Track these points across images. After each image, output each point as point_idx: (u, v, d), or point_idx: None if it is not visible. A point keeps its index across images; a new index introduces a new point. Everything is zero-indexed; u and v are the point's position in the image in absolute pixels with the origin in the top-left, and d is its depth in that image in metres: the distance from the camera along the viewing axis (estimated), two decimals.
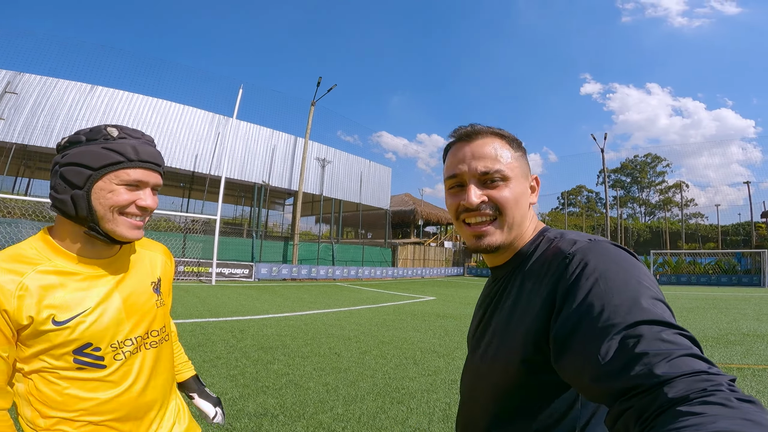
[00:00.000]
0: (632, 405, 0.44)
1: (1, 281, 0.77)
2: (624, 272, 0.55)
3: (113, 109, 17.42)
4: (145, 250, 1.04)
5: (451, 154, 0.76)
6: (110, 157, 0.83)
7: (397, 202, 36.24)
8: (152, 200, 0.90)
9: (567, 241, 0.65)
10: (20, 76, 15.73)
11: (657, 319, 0.49)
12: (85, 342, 0.84)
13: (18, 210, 14.57)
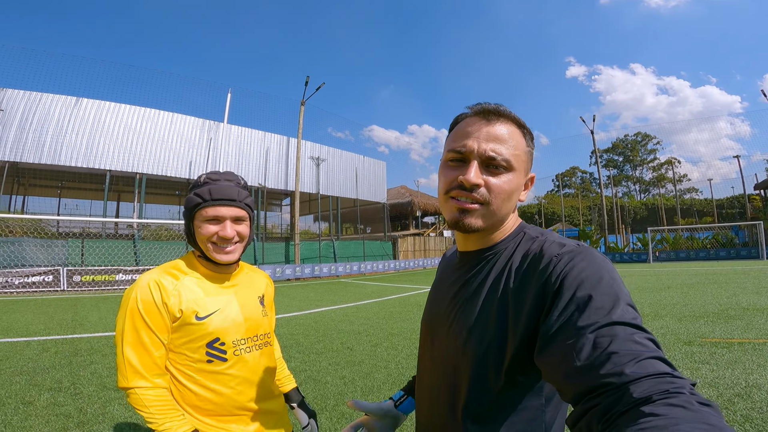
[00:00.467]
0: (598, 403, 0.46)
1: (164, 282, 1.05)
2: (605, 278, 0.58)
3: (101, 121, 17.21)
4: (253, 273, 1.30)
5: (464, 127, 0.72)
6: (194, 200, 1.08)
7: (394, 195, 36.27)
8: (231, 231, 1.08)
9: (555, 243, 0.67)
10: (3, 92, 15.48)
11: (631, 322, 0.52)
12: (215, 337, 1.08)
13: (19, 228, 14.54)
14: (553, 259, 0.62)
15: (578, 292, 0.56)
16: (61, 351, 4.98)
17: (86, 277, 13.66)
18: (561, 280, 0.59)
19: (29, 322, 7.12)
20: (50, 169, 16.84)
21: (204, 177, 1.11)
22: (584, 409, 0.47)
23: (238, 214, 1.10)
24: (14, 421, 2.79)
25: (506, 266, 0.70)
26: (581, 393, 0.49)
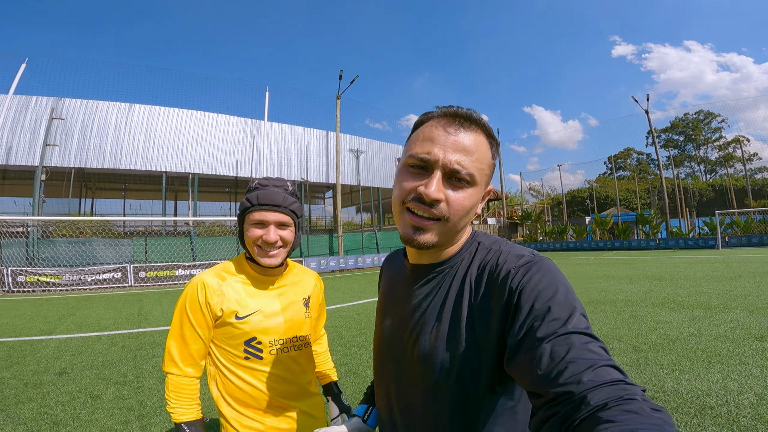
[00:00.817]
0: (558, 411, 0.48)
1: (211, 282, 1.14)
2: (560, 290, 0.60)
3: (154, 125, 18.25)
4: (302, 274, 1.34)
5: (430, 131, 0.67)
6: (245, 204, 1.14)
7: None
8: (274, 236, 1.13)
9: (512, 255, 0.67)
10: (62, 102, 16.65)
11: (585, 331, 0.54)
12: (252, 336, 1.14)
13: (89, 230, 15.95)
14: (511, 271, 0.63)
15: (536, 304, 0.58)
16: (128, 345, 5.36)
17: (150, 273, 14.73)
18: (519, 292, 0.60)
19: (100, 317, 7.75)
20: (113, 173, 18.16)
21: (256, 182, 1.17)
22: (546, 416, 0.50)
23: (282, 219, 1.14)
24: (82, 414, 3.05)
25: (465, 280, 0.69)
26: (544, 400, 0.51)
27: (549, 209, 40.13)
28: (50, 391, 3.54)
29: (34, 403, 3.24)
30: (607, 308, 6.64)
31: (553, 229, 32.72)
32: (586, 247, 28.15)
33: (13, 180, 17.05)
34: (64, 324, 6.97)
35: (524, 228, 36.21)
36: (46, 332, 6.27)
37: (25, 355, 4.84)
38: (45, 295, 12.04)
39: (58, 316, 7.93)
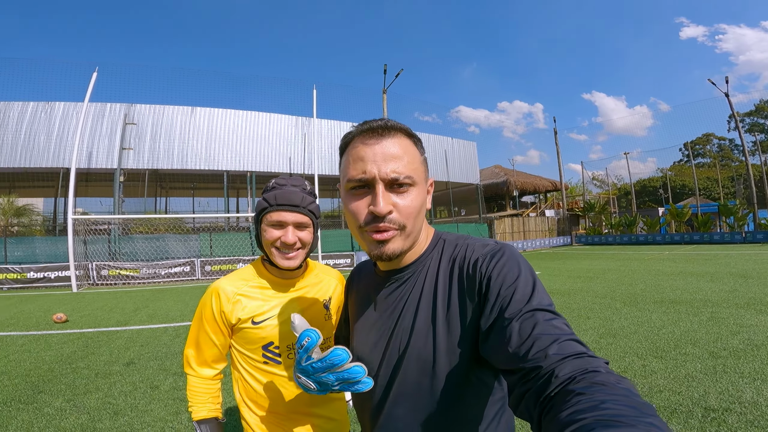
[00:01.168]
0: (531, 387, 0.51)
1: (226, 290, 1.13)
2: (523, 272, 0.64)
3: (213, 127, 19.28)
4: (323, 275, 1.30)
5: (357, 151, 0.70)
6: (262, 204, 1.12)
7: (488, 175, 34.71)
8: (293, 237, 1.10)
9: (477, 245, 0.72)
10: (133, 107, 18.05)
11: (547, 308, 0.58)
12: (270, 340, 1.13)
13: (162, 226, 17.39)
14: (479, 260, 0.68)
15: (502, 288, 0.62)
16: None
17: (215, 267, 15.72)
18: (488, 279, 0.65)
19: (169, 309, 8.37)
20: (181, 173, 19.56)
21: (273, 182, 1.14)
22: (521, 393, 0.52)
23: (300, 220, 1.11)
24: (140, 404, 3.26)
25: (437, 275, 0.73)
26: (517, 377, 0.53)
27: (615, 200, 37.14)
28: (116, 381, 3.83)
29: (100, 393, 3.52)
30: (682, 309, 6.01)
31: (621, 221, 30.19)
32: (659, 241, 25.67)
33: (95, 182, 18.94)
34: (138, 316, 7.59)
35: (587, 220, 33.78)
36: (122, 323, 6.86)
37: (100, 345, 5.31)
38: (125, 288, 13.29)
39: (133, 307, 8.66)
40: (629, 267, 12.56)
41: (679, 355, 3.93)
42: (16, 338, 5.81)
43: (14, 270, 13.16)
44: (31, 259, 14.43)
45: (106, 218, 15.81)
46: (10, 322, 7.08)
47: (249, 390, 1.16)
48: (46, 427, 2.89)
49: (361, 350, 0.82)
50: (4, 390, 3.66)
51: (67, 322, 6.93)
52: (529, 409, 0.50)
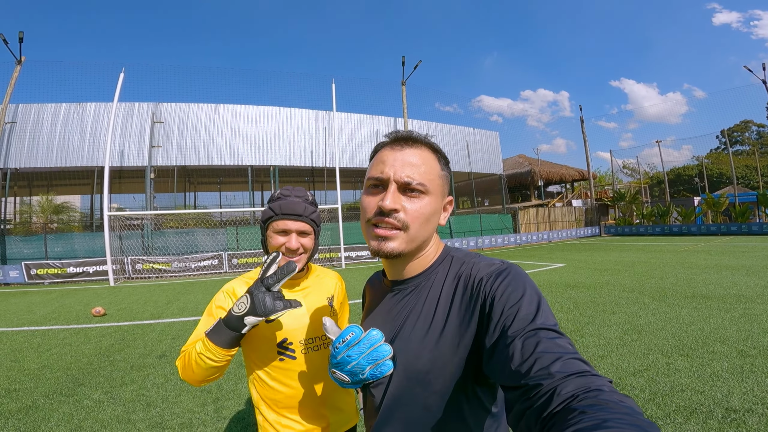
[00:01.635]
0: (533, 404, 0.50)
1: (237, 291, 1.20)
2: (527, 291, 0.65)
3: (237, 123, 19.69)
4: (323, 275, 1.40)
5: (381, 156, 0.76)
6: (268, 213, 1.22)
7: (511, 165, 34.04)
8: (296, 243, 1.19)
9: (483, 265, 0.72)
10: (160, 106, 18.63)
11: (552, 327, 0.59)
12: (284, 337, 1.20)
13: (191, 221, 18.00)
14: (483, 278, 0.69)
15: (506, 306, 0.63)
16: None
17: (241, 260, 16.18)
18: (492, 298, 0.65)
19: (199, 302, 8.71)
20: (208, 168, 20.10)
21: (278, 192, 1.24)
22: (521, 410, 0.52)
23: (303, 228, 1.21)
24: (170, 396, 3.45)
25: (441, 290, 0.74)
26: (519, 394, 0.53)
27: (647, 189, 35.68)
28: (150, 374, 4.04)
29: (135, 385, 3.73)
30: (713, 304, 5.78)
31: (653, 211, 29.01)
32: (693, 232, 24.58)
33: (128, 179, 19.73)
34: (170, 309, 7.94)
35: (616, 210, 32.61)
36: (155, 316, 7.19)
37: (135, 338, 5.59)
38: (158, 281, 13.88)
39: (166, 301, 9.05)
40: (660, 259, 12.13)
41: (707, 354, 3.81)
42: (58, 332, 6.17)
43: (55, 265, 13.96)
44: (70, 254, 15.27)
45: (139, 214, 16.50)
46: (52, 316, 7.50)
47: (266, 388, 1.22)
48: (84, 419, 3.07)
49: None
50: (47, 383, 3.88)
51: (105, 316, 7.32)
52: (530, 427, 0.50)
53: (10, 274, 13.58)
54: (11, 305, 9.00)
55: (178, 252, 15.97)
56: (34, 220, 18.24)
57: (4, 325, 6.73)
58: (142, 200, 19.02)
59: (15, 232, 16.52)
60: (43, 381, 3.93)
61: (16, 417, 3.11)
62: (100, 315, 7.29)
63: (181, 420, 3.00)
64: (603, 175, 44.11)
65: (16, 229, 17.17)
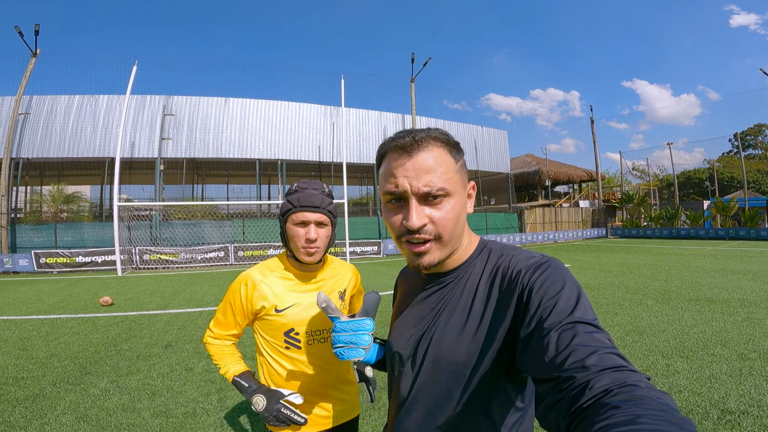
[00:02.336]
0: (563, 397, 0.49)
1: (255, 278, 1.29)
2: (567, 284, 0.63)
3: (246, 116, 19.80)
4: (339, 268, 1.45)
5: (389, 165, 0.72)
6: (287, 206, 1.25)
7: (519, 164, 33.82)
8: (315, 233, 1.23)
9: (522, 257, 0.71)
10: (171, 99, 18.80)
11: (590, 321, 0.57)
12: (291, 327, 1.27)
13: (199, 213, 18.16)
14: (522, 271, 0.67)
15: (544, 299, 0.61)
16: None
17: (247, 252, 16.31)
18: (530, 290, 0.64)
19: (204, 293, 8.80)
20: (216, 161, 20.26)
21: (295, 186, 1.29)
22: (551, 402, 0.51)
23: (320, 219, 1.25)
24: (175, 386, 3.53)
25: (478, 283, 0.73)
26: (550, 386, 0.52)
27: (656, 191, 35.26)
28: (155, 363, 4.12)
29: (141, 374, 3.81)
30: (717, 308, 5.78)
31: (661, 214, 28.72)
32: (702, 236, 24.31)
33: (138, 170, 19.92)
34: (177, 299, 8.04)
35: (624, 212, 32.31)
36: (162, 307, 7.31)
37: (142, 328, 5.70)
38: (164, 272, 14.05)
39: (172, 291, 9.17)
40: (666, 262, 12.05)
41: (707, 356, 3.83)
42: (66, 321, 6.26)
43: (64, 254, 14.18)
44: (79, 243, 15.49)
45: (148, 205, 16.67)
46: (61, 305, 7.63)
47: (273, 373, 1.29)
48: (91, 407, 3.13)
49: (395, 346, 0.84)
50: (55, 371, 3.94)
51: (112, 305, 7.45)
52: (558, 420, 0.49)
53: (20, 263, 13.80)
54: (20, 294, 9.15)
55: (185, 243, 16.14)
56: (44, 210, 18.51)
57: (14, 314, 6.85)
58: (151, 192, 19.21)
59: (26, 221, 16.78)
60: (50, 369, 3.99)
61: (23, 405, 3.17)
62: (108, 304, 7.41)
63: (185, 409, 3.07)
64: (612, 177, 43.70)
65: (26, 218, 17.44)
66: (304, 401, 1.28)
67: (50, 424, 2.84)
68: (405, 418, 0.81)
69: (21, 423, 2.87)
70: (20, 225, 15.74)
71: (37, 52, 16.28)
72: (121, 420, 2.91)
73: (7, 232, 14.88)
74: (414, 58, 21.33)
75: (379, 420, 2.84)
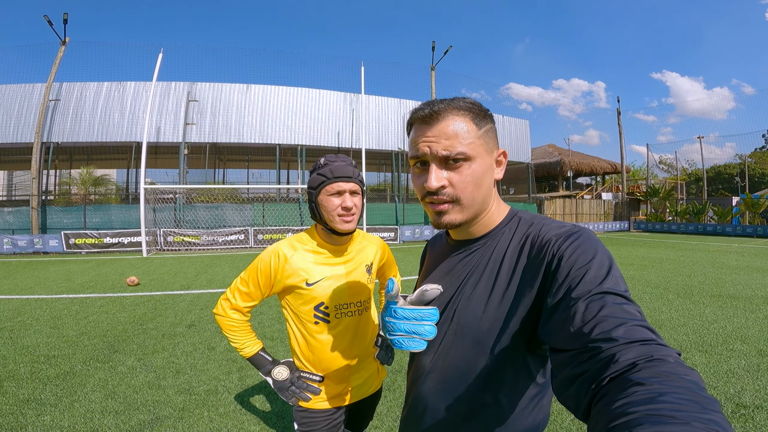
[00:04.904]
0: (587, 369, 0.48)
1: (285, 252, 1.29)
2: (598, 254, 0.61)
3: (267, 103, 20.00)
4: (366, 242, 1.47)
5: (414, 134, 0.76)
6: (319, 179, 1.26)
7: (540, 154, 33.15)
8: (351, 201, 1.25)
9: (554, 226, 0.70)
10: (195, 86, 19.18)
11: (621, 293, 0.55)
12: (320, 301, 1.29)
13: (220, 196, 18.57)
14: (552, 239, 0.66)
15: (574, 268, 0.59)
16: None
17: (266, 236, 16.63)
18: (559, 258, 0.62)
19: (225, 275, 9.05)
20: (238, 146, 20.58)
21: (324, 160, 1.29)
22: (573, 375, 0.50)
23: (354, 188, 1.27)
24: (198, 364, 3.69)
25: (506, 250, 0.73)
26: (572, 355, 0.51)
27: (684, 186, 34.04)
28: (180, 342, 4.30)
29: (166, 353, 3.98)
30: (739, 304, 5.67)
31: (688, 209, 27.75)
32: (729, 233, 23.43)
33: (163, 155, 20.46)
34: (199, 280, 8.31)
35: (648, 206, 31.34)
36: (185, 287, 7.56)
37: (167, 307, 5.92)
38: (187, 254, 14.46)
39: (195, 272, 9.45)
40: (690, 258, 11.73)
41: (725, 351, 3.80)
42: (95, 300, 6.50)
43: (92, 235, 14.73)
44: (107, 225, 16.08)
45: (173, 188, 17.11)
46: (90, 285, 7.93)
47: (303, 347, 1.33)
48: (118, 385, 3.23)
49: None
50: (85, 349, 4.06)
51: (138, 285, 7.75)
52: (579, 394, 0.48)
53: (50, 243, 14.34)
54: (51, 273, 9.53)
55: (207, 226, 16.58)
56: (73, 192, 19.21)
57: (45, 293, 7.13)
58: (174, 176, 19.71)
59: (55, 203, 17.47)
60: (80, 348, 4.12)
61: (54, 383, 3.26)
62: (134, 284, 7.70)
63: (208, 387, 3.22)
64: (637, 170, 42.41)
65: (56, 200, 18.14)
66: (329, 376, 1.33)
67: (80, 402, 2.94)
68: (423, 386, 0.81)
69: (52, 401, 2.95)
70: (50, 207, 16.38)
71: (66, 41, 16.71)
72: (146, 397, 3.02)
73: (37, 214, 15.51)
74: (435, 46, 21.11)
75: (394, 401, 2.91)
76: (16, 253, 14.18)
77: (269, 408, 2.91)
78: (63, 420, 2.67)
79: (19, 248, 14.20)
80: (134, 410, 2.82)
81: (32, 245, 14.32)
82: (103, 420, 2.68)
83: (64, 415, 2.74)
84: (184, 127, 18.54)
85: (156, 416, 2.74)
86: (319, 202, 1.27)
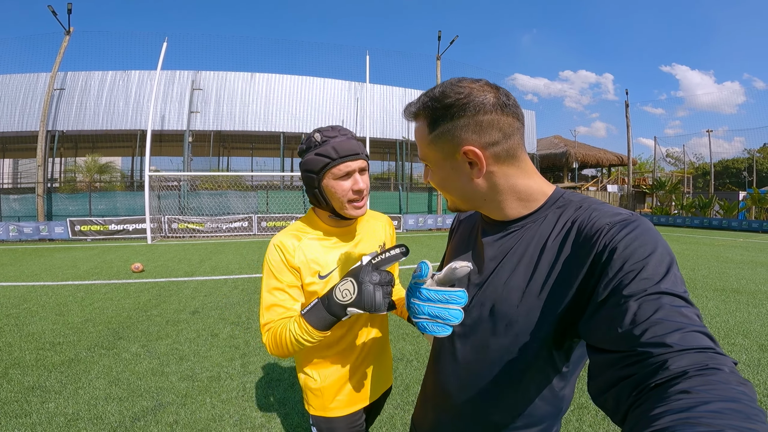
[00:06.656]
0: (633, 373, 0.45)
1: (287, 243, 1.11)
2: (658, 249, 0.54)
3: (271, 91, 19.94)
4: (373, 220, 1.32)
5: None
6: (322, 160, 1.06)
7: (546, 145, 32.85)
8: (363, 182, 1.10)
9: (606, 212, 0.62)
10: (199, 74, 19.14)
11: (680, 294, 0.50)
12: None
13: (225, 183, 18.63)
14: (605, 227, 0.59)
15: (629, 262, 0.53)
16: (246, 288, 6.25)
17: (270, 223, 16.71)
18: (612, 249, 0.56)
19: (229, 262, 9.09)
20: (242, 134, 20.59)
21: (320, 136, 1.07)
22: (616, 377, 0.47)
23: (362, 165, 1.10)
24: (201, 351, 3.73)
25: (549, 235, 0.66)
26: (616, 359, 0.48)
27: (690, 179, 33.70)
28: (183, 329, 4.34)
29: (169, 339, 4.02)
30: (742, 299, 5.64)
31: (693, 203, 27.49)
32: (734, 227, 23.21)
33: (167, 142, 20.44)
34: (203, 267, 8.35)
35: (654, 199, 31.08)
36: (189, 274, 7.61)
37: (170, 294, 5.97)
38: (191, 241, 14.55)
39: (199, 259, 9.51)
40: (694, 251, 11.67)
41: (727, 345, 3.80)
42: (100, 286, 6.54)
43: (98, 222, 14.84)
44: (112, 212, 16.21)
45: (177, 175, 17.19)
46: (95, 271, 7.98)
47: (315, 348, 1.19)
48: (122, 371, 3.25)
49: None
50: (90, 336, 4.07)
51: (143, 272, 7.82)
52: (620, 398, 0.45)
53: (56, 230, 14.45)
54: (57, 260, 9.61)
55: (211, 213, 16.68)
56: (79, 179, 19.30)
57: (51, 279, 7.19)
58: (179, 163, 19.74)
59: (61, 191, 17.58)
60: (85, 334, 4.13)
61: (59, 369, 3.28)
62: (139, 271, 7.77)
63: (210, 373, 3.26)
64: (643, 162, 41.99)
65: (62, 187, 18.25)
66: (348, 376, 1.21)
67: (84, 389, 2.95)
68: (443, 371, 0.78)
69: (56, 388, 2.96)
70: (56, 194, 16.51)
71: (71, 30, 16.63)
72: (150, 384, 3.05)
73: (43, 201, 15.62)
74: (441, 35, 20.93)
75: (396, 389, 2.94)
76: (22, 240, 14.31)
77: (271, 394, 2.94)
78: (67, 407, 2.71)
79: (25, 235, 14.32)
80: (138, 396, 2.86)
81: (38, 232, 14.44)
82: (106, 407, 2.71)
83: (69, 402, 2.78)
84: (188, 115, 18.55)
85: (159, 402, 2.78)
86: (324, 188, 1.08)
